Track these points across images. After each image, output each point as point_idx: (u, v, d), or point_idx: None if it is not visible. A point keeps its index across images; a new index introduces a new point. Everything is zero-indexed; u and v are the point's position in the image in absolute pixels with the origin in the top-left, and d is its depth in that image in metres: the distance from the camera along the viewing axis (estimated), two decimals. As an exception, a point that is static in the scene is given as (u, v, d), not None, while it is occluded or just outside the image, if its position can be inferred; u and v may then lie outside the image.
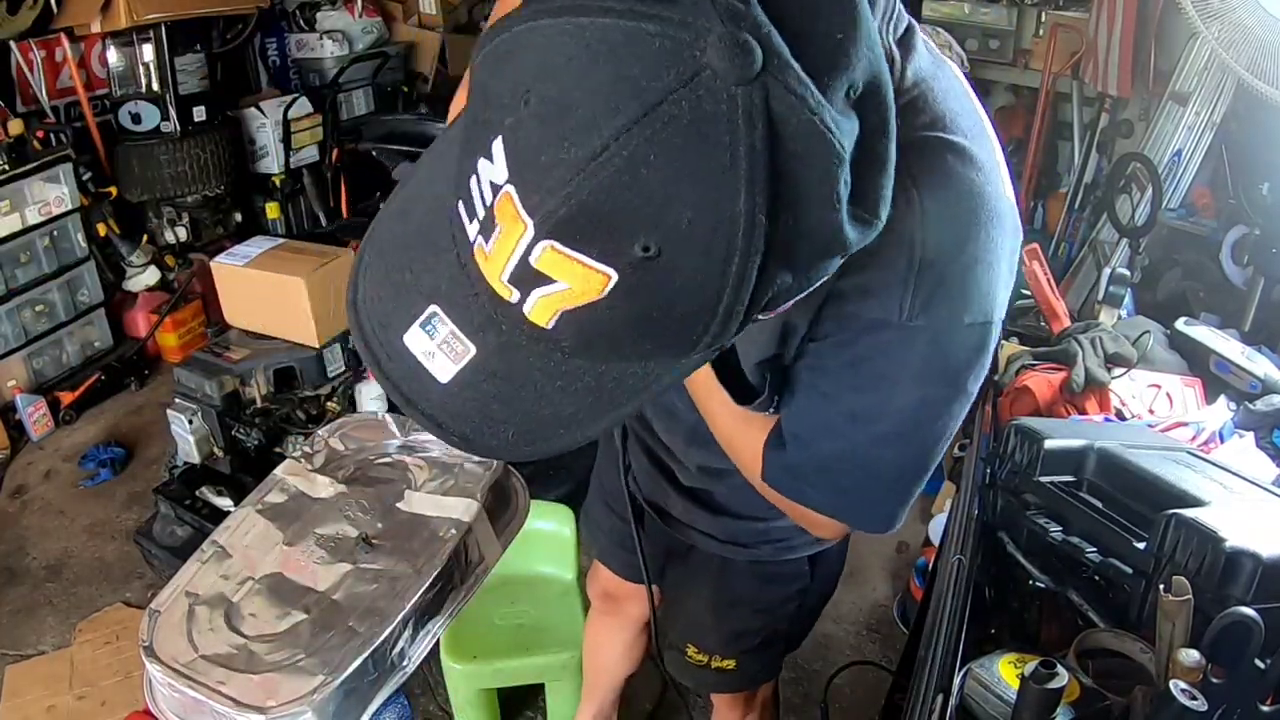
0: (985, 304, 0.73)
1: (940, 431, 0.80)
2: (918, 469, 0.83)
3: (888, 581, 2.62)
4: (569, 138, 0.46)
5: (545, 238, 0.48)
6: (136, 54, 3.39)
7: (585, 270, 0.48)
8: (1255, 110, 2.53)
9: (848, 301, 0.74)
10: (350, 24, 4.16)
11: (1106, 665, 1.04)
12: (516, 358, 0.56)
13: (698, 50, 0.45)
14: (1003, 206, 0.73)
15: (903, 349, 0.74)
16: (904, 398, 0.77)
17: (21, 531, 2.78)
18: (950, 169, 0.70)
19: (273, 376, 2.57)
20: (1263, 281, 2.44)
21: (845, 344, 0.76)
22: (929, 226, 0.69)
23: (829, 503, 0.86)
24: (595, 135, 0.46)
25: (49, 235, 3.17)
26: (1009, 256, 0.75)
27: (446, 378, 0.58)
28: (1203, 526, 1.00)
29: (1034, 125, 3.47)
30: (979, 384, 0.79)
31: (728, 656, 1.41)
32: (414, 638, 0.90)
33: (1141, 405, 1.57)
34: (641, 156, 0.46)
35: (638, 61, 0.46)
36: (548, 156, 0.47)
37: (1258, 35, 2.11)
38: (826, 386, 0.80)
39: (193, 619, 0.89)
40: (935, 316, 0.72)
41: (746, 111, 0.45)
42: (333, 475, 1.05)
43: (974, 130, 0.73)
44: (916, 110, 0.71)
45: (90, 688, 2.24)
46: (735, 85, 0.45)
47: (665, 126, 0.45)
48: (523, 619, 2.07)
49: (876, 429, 0.79)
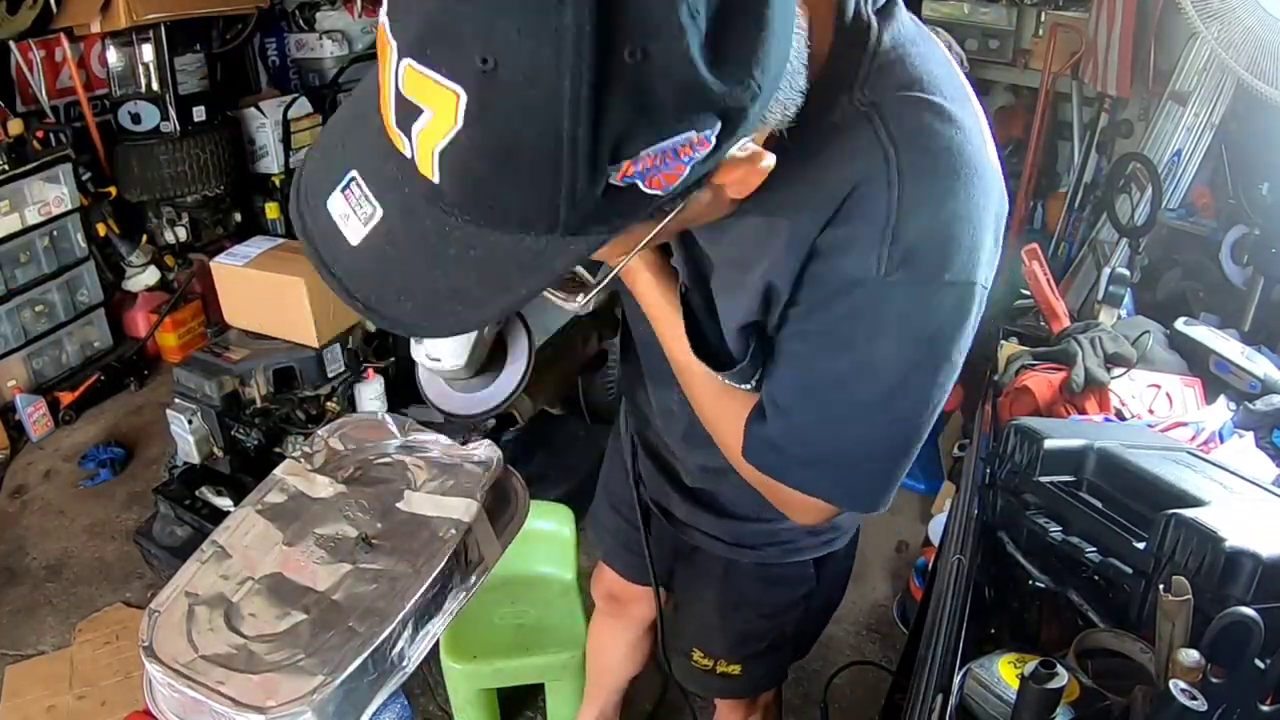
0: (967, 263, 0.73)
1: (923, 401, 0.79)
2: (902, 442, 0.82)
3: (888, 581, 2.62)
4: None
5: (404, 55, 0.51)
6: (136, 54, 3.39)
7: (438, 89, 0.51)
8: (1255, 110, 2.53)
9: (826, 258, 0.74)
10: (350, 24, 4.16)
11: (1106, 665, 1.04)
12: (415, 221, 0.59)
13: None
14: (985, 169, 0.72)
15: (881, 306, 0.74)
16: (885, 361, 0.76)
17: (21, 531, 2.79)
18: (928, 125, 0.70)
19: (272, 376, 2.57)
20: (1262, 281, 2.44)
21: (824, 305, 0.76)
22: (905, 181, 0.69)
23: (810, 479, 0.85)
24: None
25: (49, 235, 3.17)
26: (994, 221, 0.74)
27: (356, 240, 0.61)
28: (1203, 526, 1.00)
29: (1034, 125, 3.46)
30: (963, 355, 0.79)
31: (734, 661, 1.40)
32: (414, 638, 0.90)
33: (1141, 405, 1.57)
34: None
35: None
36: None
37: (1258, 35, 2.11)
38: (806, 351, 0.80)
39: (193, 619, 0.89)
40: (913, 272, 0.72)
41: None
42: (332, 475, 1.04)
43: (955, 94, 0.73)
44: (894, 73, 0.71)
45: (90, 688, 2.24)
46: None
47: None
48: (523, 619, 2.07)
49: (857, 395, 0.79)
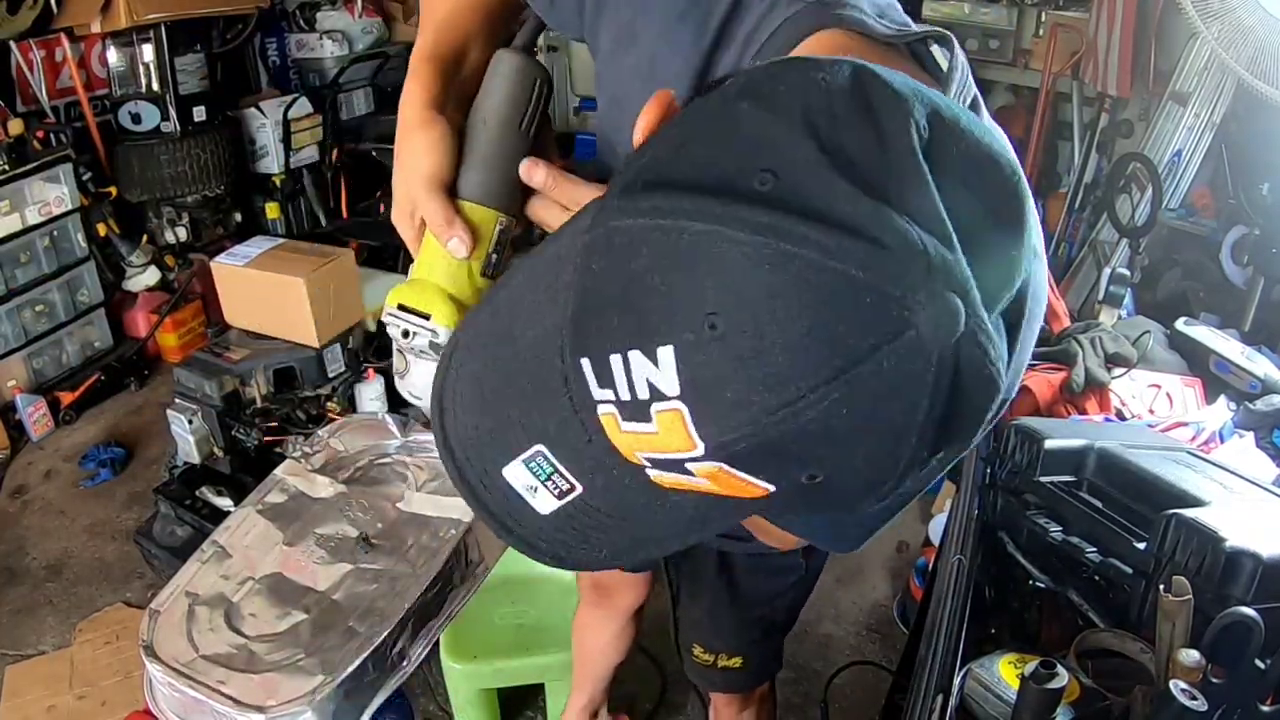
0: None
1: None
2: None
3: (888, 581, 2.62)
4: (763, 382, 0.44)
5: (715, 460, 0.46)
6: (136, 54, 3.38)
7: (744, 484, 0.47)
8: (1255, 110, 2.53)
9: None
10: (350, 24, 4.16)
11: (1106, 665, 1.04)
12: (626, 496, 0.54)
13: (906, 309, 0.42)
14: None
15: None
16: None
17: (21, 531, 2.78)
18: None
19: (273, 376, 2.57)
20: (1263, 281, 2.44)
21: None
22: None
23: (796, 525, 0.85)
24: (791, 387, 0.43)
25: (49, 235, 3.17)
26: None
27: (548, 510, 0.56)
28: (1203, 526, 1.00)
29: (1034, 125, 3.46)
30: None
31: (734, 654, 1.42)
32: (414, 638, 0.90)
33: (1141, 405, 1.57)
34: (834, 411, 0.44)
35: (843, 316, 0.43)
36: (734, 394, 0.44)
37: (1258, 35, 2.11)
38: None
39: (193, 619, 0.89)
40: None
41: (939, 367, 0.44)
42: (333, 475, 1.05)
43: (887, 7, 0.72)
44: None
45: (90, 688, 2.24)
46: (937, 347, 0.43)
47: (863, 384, 0.43)
48: (523, 619, 2.07)
49: None
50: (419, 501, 1.01)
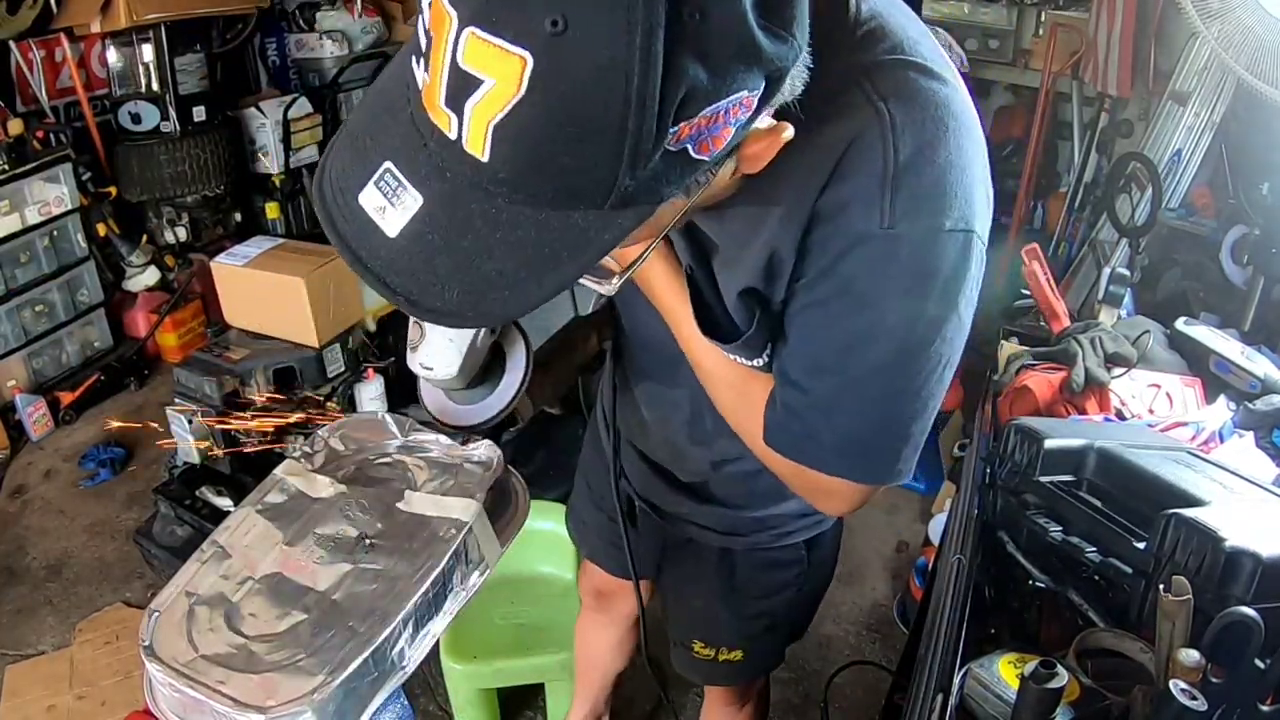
0: (964, 210, 0.75)
1: (937, 358, 0.80)
2: (919, 404, 0.83)
3: (888, 581, 2.62)
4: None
5: (467, 24, 0.51)
6: (136, 54, 3.39)
7: (503, 56, 0.51)
8: (1255, 110, 2.53)
9: (828, 220, 0.76)
10: (350, 24, 4.16)
11: (1106, 665, 1.04)
12: (459, 205, 0.59)
13: None
14: (970, 121, 0.76)
15: (886, 261, 0.75)
16: (894, 316, 0.78)
17: (21, 531, 2.79)
18: (914, 82, 0.73)
19: (273, 376, 2.57)
20: (1262, 281, 2.44)
21: (829, 270, 0.78)
22: (899, 133, 0.72)
23: (833, 457, 0.86)
24: None
25: (49, 235, 3.18)
26: (982, 170, 0.77)
27: (395, 230, 0.61)
28: (1203, 526, 1.00)
29: (1034, 125, 3.47)
30: (970, 308, 0.80)
31: (735, 648, 1.42)
32: (414, 638, 0.90)
33: (1141, 405, 1.57)
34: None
35: None
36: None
37: (1258, 35, 2.11)
38: (815, 320, 0.81)
39: (193, 619, 0.89)
40: (914, 222, 0.74)
41: None
42: (333, 475, 1.04)
43: (933, 56, 0.77)
44: (877, 39, 0.75)
45: (90, 688, 2.24)
46: None
47: None
48: (523, 619, 2.07)
49: (870, 356, 0.80)
50: (419, 501, 1.00)
